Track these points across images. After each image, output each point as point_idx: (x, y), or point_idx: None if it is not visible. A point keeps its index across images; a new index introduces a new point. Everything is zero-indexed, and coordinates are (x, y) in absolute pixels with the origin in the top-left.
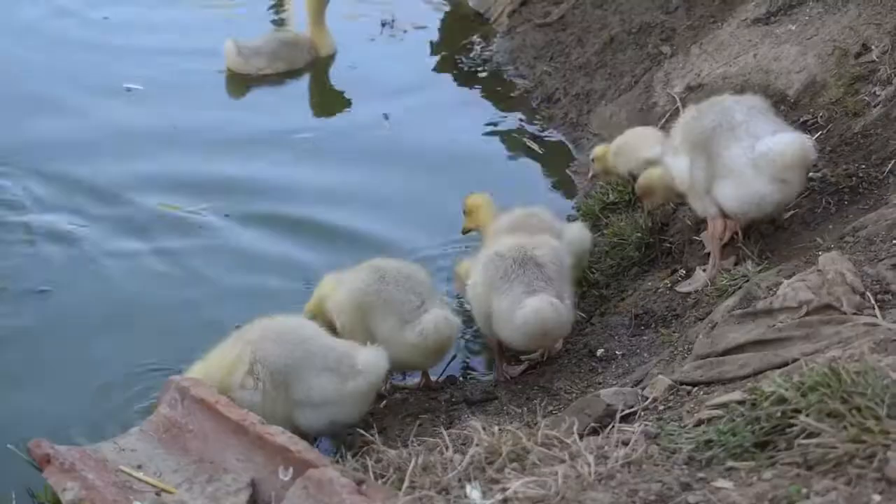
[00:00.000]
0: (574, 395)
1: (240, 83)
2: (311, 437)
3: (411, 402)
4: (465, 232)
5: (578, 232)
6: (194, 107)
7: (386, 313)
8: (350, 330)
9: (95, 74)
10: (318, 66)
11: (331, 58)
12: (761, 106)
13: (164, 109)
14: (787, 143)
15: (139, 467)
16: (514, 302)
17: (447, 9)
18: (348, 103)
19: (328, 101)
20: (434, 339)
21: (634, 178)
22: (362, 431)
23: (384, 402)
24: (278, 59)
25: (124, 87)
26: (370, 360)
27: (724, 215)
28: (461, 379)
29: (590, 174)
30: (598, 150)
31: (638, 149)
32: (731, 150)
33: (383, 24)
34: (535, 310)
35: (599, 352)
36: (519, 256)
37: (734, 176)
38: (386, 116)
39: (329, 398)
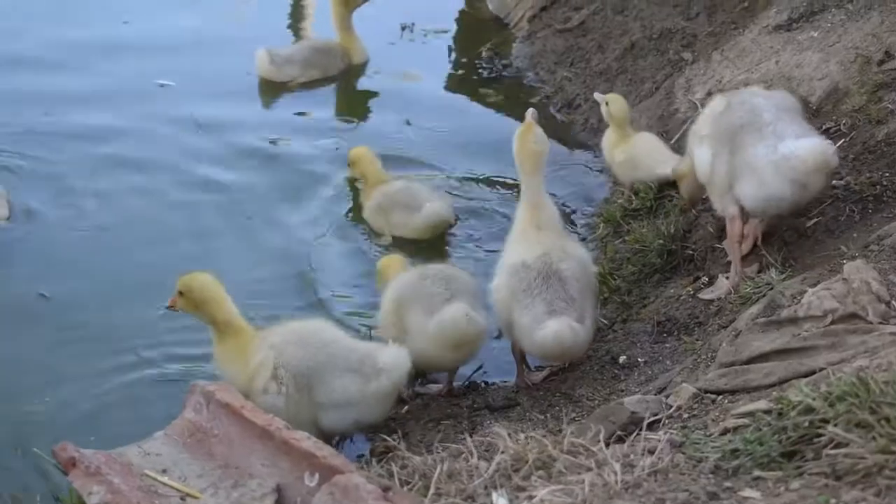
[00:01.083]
0: (596, 402)
1: (273, 91)
2: (332, 440)
3: (433, 408)
4: (350, 181)
5: (440, 206)
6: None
7: (415, 305)
8: (385, 325)
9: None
10: (351, 74)
11: (363, 65)
12: (790, 104)
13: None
14: (809, 149)
15: (164, 471)
16: (535, 320)
17: (463, 9)
18: (370, 109)
19: (356, 107)
20: (451, 330)
21: (636, 192)
22: (385, 437)
23: (406, 407)
24: (312, 67)
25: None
26: (392, 359)
27: (744, 215)
28: (483, 385)
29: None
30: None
31: (651, 164)
32: (756, 148)
33: (403, 28)
34: (554, 333)
35: (622, 359)
36: (544, 269)
37: (755, 174)
38: (408, 122)
39: (352, 399)
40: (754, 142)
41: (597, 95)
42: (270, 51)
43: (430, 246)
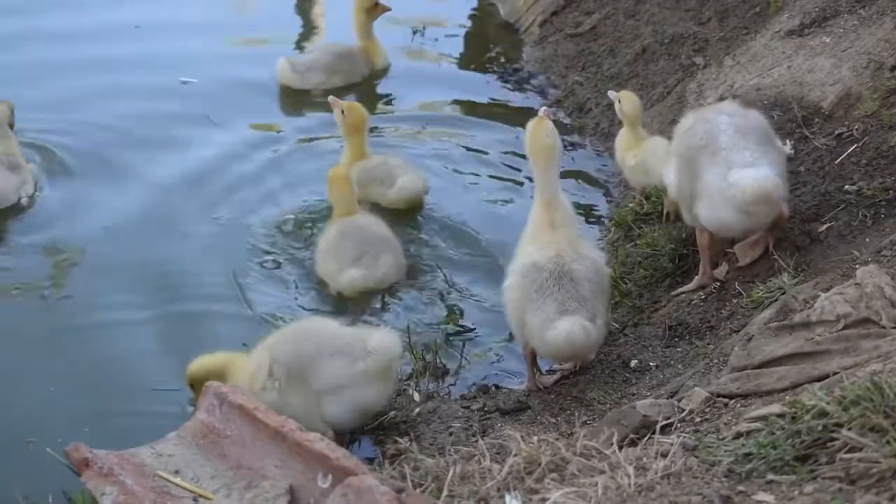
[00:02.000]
0: (608, 405)
1: (295, 99)
2: (345, 439)
3: (444, 410)
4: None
5: (411, 181)
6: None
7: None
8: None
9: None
10: (372, 80)
11: (385, 70)
12: (754, 125)
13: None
14: (749, 180)
15: (177, 472)
16: (547, 320)
17: (473, 13)
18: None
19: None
20: None
21: (648, 196)
22: (398, 439)
23: (417, 409)
24: (335, 74)
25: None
26: (382, 340)
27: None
28: (494, 388)
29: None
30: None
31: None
32: (710, 173)
33: (414, 32)
34: (565, 332)
35: (633, 362)
36: (556, 270)
37: (709, 198)
38: (424, 126)
39: (343, 380)
40: (709, 166)
41: (610, 94)
42: (291, 59)
43: (405, 216)
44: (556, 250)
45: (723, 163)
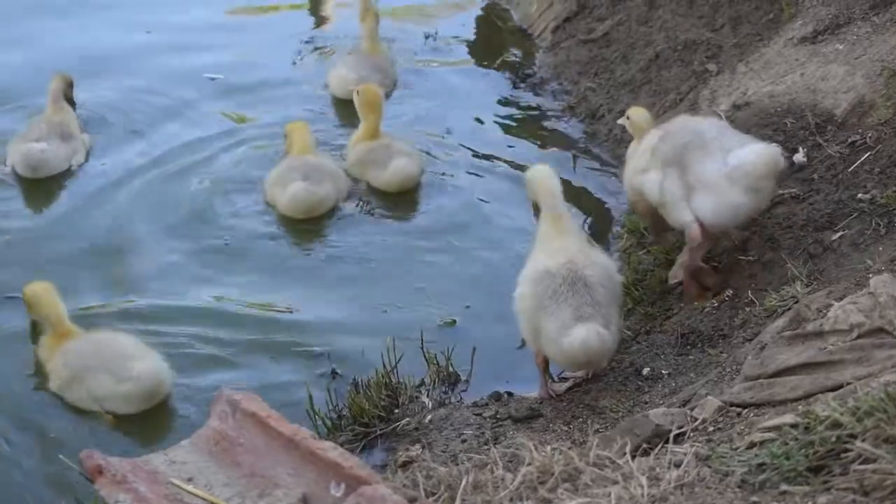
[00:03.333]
0: (620, 413)
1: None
2: None
3: (456, 418)
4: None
5: (405, 164)
6: None
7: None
8: None
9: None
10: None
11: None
12: (724, 125)
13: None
14: (757, 153)
15: (190, 480)
16: (562, 327)
17: (483, 17)
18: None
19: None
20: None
21: None
22: (409, 447)
23: (429, 417)
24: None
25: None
26: (147, 368)
27: (701, 225)
28: (506, 395)
29: None
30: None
31: None
32: (705, 164)
33: (426, 37)
34: (581, 339)
35: (645, 370)
36: (569, 276)
37: (710, 189)
38: (449, 131)
39: (107, 395)
40: (702, 158)
41: (620, 121)
42: (341, 73)
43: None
44: (568, 256)
45: (718, 150)
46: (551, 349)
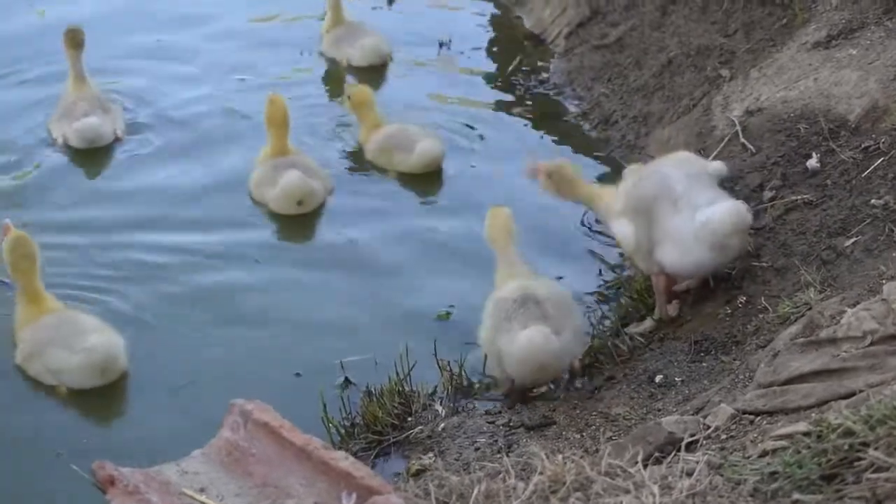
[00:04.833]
0: (633, 421)
1: None
2: None
3: (469, 426)
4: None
5: (430, 145)
6: None
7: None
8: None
9: None
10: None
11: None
12: (699, 169)
13: None
14: (724, 213)
15: (202, 490)
16: (512, 337)
17: (496, 21)
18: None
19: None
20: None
21: None
22: (422, 455)
23: (442, 424)
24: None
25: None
26: (99, 341)
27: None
28: (519, 402)
29: None
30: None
31: None
32: (674, 220)
33: (440, 45)
34: (527, 338)
35: (658, 378)
36: (520, 297)
37: (676, 243)
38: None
39: (63, 368)
40: (671, 213)
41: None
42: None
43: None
44: (520, 283)
45: (686, 207)
46: (507, 362)
